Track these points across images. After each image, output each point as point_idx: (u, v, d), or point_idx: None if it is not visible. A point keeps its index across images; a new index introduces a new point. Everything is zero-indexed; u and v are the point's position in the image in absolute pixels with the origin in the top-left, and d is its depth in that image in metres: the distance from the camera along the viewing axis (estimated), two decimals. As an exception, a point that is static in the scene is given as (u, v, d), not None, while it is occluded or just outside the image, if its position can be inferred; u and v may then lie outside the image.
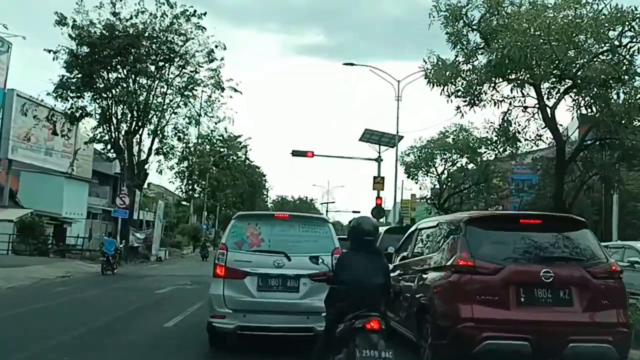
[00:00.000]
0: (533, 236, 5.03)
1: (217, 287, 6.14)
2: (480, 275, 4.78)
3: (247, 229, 6.40)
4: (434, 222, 6.10)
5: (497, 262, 4.82)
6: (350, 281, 4.25)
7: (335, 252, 6.18)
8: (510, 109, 11.05)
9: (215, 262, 6.25)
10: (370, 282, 4.25)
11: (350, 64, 25.22)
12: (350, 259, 4.38)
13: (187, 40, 25.04)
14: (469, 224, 5.12)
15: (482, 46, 10.27)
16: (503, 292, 4.72)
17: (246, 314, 6.01)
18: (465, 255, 4.91)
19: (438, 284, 5.19)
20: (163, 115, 25.97)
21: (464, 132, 22.94)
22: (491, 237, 5.05)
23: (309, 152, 27.23)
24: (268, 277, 6.11)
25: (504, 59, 9.03)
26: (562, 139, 10.99)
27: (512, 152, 11.79)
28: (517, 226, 5.10)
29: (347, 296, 4.24)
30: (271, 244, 6.31)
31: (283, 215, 6.79)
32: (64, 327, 7.72)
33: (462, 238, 5.05)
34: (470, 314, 4.70)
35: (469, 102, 10.21)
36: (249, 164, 52.30)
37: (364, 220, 4.55)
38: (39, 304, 10.13)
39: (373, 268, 4.33)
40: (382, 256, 4.55)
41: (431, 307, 5.20)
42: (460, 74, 10.19)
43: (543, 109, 10.56)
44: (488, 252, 4.91)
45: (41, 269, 17.43)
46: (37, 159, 29.91)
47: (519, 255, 4.93)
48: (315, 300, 5.93)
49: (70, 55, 23.64)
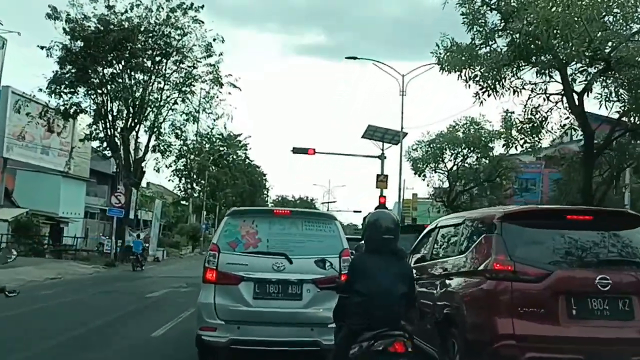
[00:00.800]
0: (583, 235, 4.19)
1: (207, 295, 5.31)
2: (522, 283, 3.95)
3: (242, 227, 5.57)
4: (459, 218, 5.25)
5: (542, 266, 3.99)
6: (366, 291, 3.45)
7: (343, 253, 5.38)
8: (531, 97, 10.22)
9: (205, 266, 5.41)
10: (392, 292, 3.46)
11: (353, 57, 24.44)
12: (366, 264, 3.57)
13: (184, 34, 24.41)
14: (506, 220, 4.28)
15: (501, 27, 9.42)
16: (550, 303, 3.90)
17: (241, 325, 5.19)
18: (502, 258, 4.07)
19: (467, 292, 4.36)
20: (160, 112, 25.31)
21: (475, 126, 22.03)
22: (532, 236, 4.21)
23: (310, 149, 26.48)
24: (266, 283, 5.29)
25: (529, 38, 8.18)
26: (590, 129, 10.12)
27: (533, 143, 10.91)
28: (563, 223, 4.25)
29: (363, 309, 3.44)
30: (270, 245, 5.50)
31: (283, 212, 5.92)
32: (35, 337, 6.92)
33: (497, 237, 4.21)
34: (510, 329, 3.87)
35: (488, 87, 9.34)
36: (249, 163, 51.72)
37: (383, 215, 3.71)
38: (14, 310, 9.19)
39: (394, 274, 3.53)
40: (405, 259, 3.72)
41: (459, 320, 4.37)
42: (478, 57, 9.33)
43: (569, 96, 9.71)
44: (530, 255, 4.08)
45: (31, 270, 16.64)
46: (33, 157, 29.33)
47: (567, 258, 4.10)
48: (321, 309, 5.17)
49: (63, 50, 22.92)
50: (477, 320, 4.14)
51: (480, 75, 9.42)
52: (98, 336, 7.19)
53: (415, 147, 24.20)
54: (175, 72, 25.24)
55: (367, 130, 27.57)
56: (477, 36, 9.53)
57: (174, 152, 27.75)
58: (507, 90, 9.76)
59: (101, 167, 35.19)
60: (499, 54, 9.32)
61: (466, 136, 22.23)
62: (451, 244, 5.20)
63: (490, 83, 9.34)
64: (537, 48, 8.68)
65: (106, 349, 6.40)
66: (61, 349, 6.33)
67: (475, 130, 22.10)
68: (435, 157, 23.11)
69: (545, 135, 10.81)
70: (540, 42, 8.25)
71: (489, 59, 9.30)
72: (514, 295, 3.92)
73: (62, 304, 10.58)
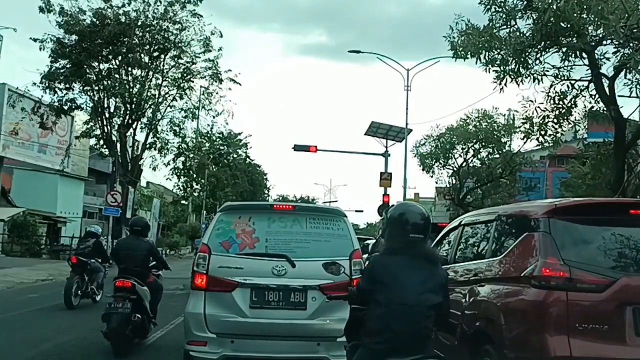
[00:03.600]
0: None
1: (196, 304, 4.60)
2: (580, 293, 3.20)
3: (236, 224, 4.85)
4: (491, 214, 4.50)
5: (603, 272, 3.25)
6: (388, 302, 2.73)
7: (354, 255, 4.66)
8: (554, 83, 9.44)
9: (194, 270, 4.70)
10: (421, 304, 2.73)
11: (357, 51, 23.73)
12: (388, 268, 2.83)
13: (182, 29, 23.74)
14: (555, 215, 3.52)
15: (523, 7, 8.66)
16: (615, 318, 3.16)
17: (235, 339, 4.49)
18: (552, 262, 3.32)
19: (506, 302, 3.61)
20: (158, 109, 24.67)
21: (487, 119, 21.12)
22: (588, 235, 3.47)
23: (311, 147, 25.75)
24: (264, 290, 4.60)
25: (559, 15, 7.39)
26: (622, 116, 9.36)
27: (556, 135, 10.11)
28: (626, 219, 3.50)
29: (384, 325, 2.72)
30: (269, 245, 4.79)
31: (284, 207, 5.18)
32: (11, 346, 6.21)
33: (545, 236, 3.46)
34: (566, 350, 3.13)
35: (511, 71, 8.57)
36: (249, 162, 51.15)
37: (410, 209, 2.96)
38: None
39: (423, 282, 2.80)
40: (437, 262, 2.98)
41: (496, 336, 3.63)
42: (499, 39, 8.57)
43: (598, 81, 8.94)
44: (586, 258, 3.33)
45: (22, 271, 16.02)
46: (30, 156, 28.85)
47: (633, 262, 3.36)
48: (328, 320, 4.45)
49: (56, 43, 22.26)
50: (520, 337, 3.39)
51: (502, 58, 8.67)
52: (79, 347, 6.47)
53: (423, 142, 23.39)
54: (174, 68, 24.65)
55: (371, 127, 26.80)
56: (496, 17, 8.78)
57: (172, 150, 27.10)
58: (528, 77, 8.99)
59: (100, 166, 34.72)
60: (523, 34, 8.55)
61: (478, 130, 21.35)
62: (481, 245, 4.45)
63: (513, 67, 8.57)
64: (566, 28, 7.89)
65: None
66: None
67: (488, 124, 21.21)
68: (445, 152, 22.25)
69: (569, 128, 10.04)
70: (570, 20, 7.47)
71: (511, 40, 8.53)
72: (570, 308, 3.18)
73: (46, 309, 9.79)
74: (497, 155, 22.17)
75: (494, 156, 22.31)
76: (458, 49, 9.09)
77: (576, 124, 10.74)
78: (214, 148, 38.95)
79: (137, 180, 26.81)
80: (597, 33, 8.25)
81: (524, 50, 8.65)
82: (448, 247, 5.13)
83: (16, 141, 26.90)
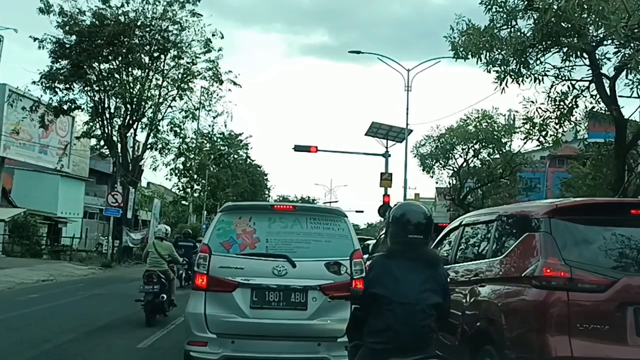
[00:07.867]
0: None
1: (197, 304, 4.59)
2: (581, 293, 3.20)
3: (237, 224, 4.84)
4: (491, 214, 4.49)
5: (604, 272, 3.24)
6: (389, 302, 2.74)
7: (355, 255, 4.65)
8: (555, 84, 9.44)
9: (195, 270, 4.70)
10: (422, 302, 2.73)
11: (357, 51, 23.71)
12: (390, 269, 2.82)
13: (182, 29, 23.74)
14: (556, 215, 3.52)
15: (523, 7, 8.65)
16: (616, 318, 3.15)
17: (235, 339, 4.49)
18: (553, 262, 3.32)
19: (507, 302, 3.61)
20: (158, 109, 24.67)
21: (487, 119, 21.11)
22: (588, 235, 3.46)
23: (312, 147, 25.71)
24: (265, 290, 4.59)
25: (560, 14, 7.38)
26: (623, 116, 9.35)
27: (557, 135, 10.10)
28: (626, 219, 3.50)
29: (386, 325, 2.71)
30: (270, 245, 4.78)
31: (285, 207, 5.19)
32: (11, 346, 6.18)
33: (546, 236, 3.46)
34: (567, 350, 3.13)
35: (511, 71, 8.55)
36: (250, 162, 51.19)
37: (411, 208, 2.95)
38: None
39: (423, 284, 2.79)
40: (438, 264, 2.97)
41: (497, 336, 3.63)
42: (499, 39, 8.55)
43: (599, 81, 8.93)
44: (587, 258, 3.33)
45: (22, 272, 15.97)
46: (31, 156, 28.83)
47: (634, 262, 3.35)
48: (329, 320, 4.44)
49: (56, 44, 22.28)
50: (521, 338, 3.39)
51: (502, 58, 8.66)
52: (76, 348, 6.43)
53: (423, 143, 23.36)
54: (174, 68, 24.66)
55: (371, 128, 26.76)
56: (497, 17, 8.77)
57: (172, 150, 27.11)
58: (529, 77, 8.98)
59: (100, 166, 34.71)
60: (523, 34, 8.53)
61: (478, 130, 21.34)
62: (482, 245, 4.44)
63: (514, 67, 8.56)
64: (567, 28, 7.88)
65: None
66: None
67: (488, 124, 21.20)
68: (445, 152, 22.23)
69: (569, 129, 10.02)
70: (571, 20, 7.47)
71: (511, 40, 8.52)
72: (571, 308, 3.17)
73: (46, 310, 9.77)
74: (497, 155, 22.14)
75: (494, 156, 22.30)
76: (459, 49, 9.09)
77: (577, 124, 10.75)
78: (215, 148, 39.01)
79: (137, 180, 26.82)
80: (598, 33, 8.27)
81: (524, 51, 8.65)
82: (449, 248, 5.13)
83: (17, 142, 26.89)
